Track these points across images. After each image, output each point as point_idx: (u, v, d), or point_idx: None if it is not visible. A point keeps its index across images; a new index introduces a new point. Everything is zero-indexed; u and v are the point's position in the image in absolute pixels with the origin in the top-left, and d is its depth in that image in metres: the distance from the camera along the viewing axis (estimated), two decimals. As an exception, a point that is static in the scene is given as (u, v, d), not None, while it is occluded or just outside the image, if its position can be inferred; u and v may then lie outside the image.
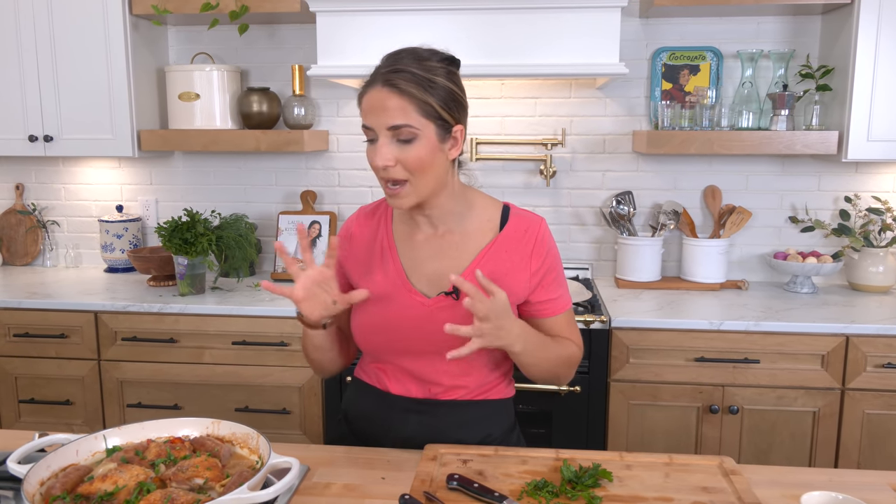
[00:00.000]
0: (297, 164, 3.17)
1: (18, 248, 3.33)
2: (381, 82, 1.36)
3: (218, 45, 3.13)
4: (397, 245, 1.52)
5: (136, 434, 1.33)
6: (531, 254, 1.49)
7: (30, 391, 2.73)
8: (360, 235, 1.57)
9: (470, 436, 1.52)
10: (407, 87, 1.34)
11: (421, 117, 1.35)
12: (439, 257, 1.50)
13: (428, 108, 1.35)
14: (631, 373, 2.45)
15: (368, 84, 1.40)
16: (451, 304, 1.46)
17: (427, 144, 1.37)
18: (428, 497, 1.25)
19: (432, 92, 1.36)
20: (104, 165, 3.27)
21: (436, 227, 1.51)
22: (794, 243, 3.00)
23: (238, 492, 1.10)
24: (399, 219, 1.55)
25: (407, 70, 1.35)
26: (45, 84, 2.86)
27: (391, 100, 1.34)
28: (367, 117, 1.38)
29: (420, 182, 1.39)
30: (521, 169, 3.07)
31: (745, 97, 2.79)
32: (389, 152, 1.36)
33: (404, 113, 1.34)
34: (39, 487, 1.15)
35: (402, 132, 1.35)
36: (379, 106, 1.36)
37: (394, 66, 1.36)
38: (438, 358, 1.46)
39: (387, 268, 1.51)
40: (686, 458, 1.40)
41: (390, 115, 1.34)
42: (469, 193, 1.53)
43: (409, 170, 1.37)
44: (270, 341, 2.59)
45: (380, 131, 1.36)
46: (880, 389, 2.38)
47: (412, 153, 1.36)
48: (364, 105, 1.39)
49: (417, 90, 1.34)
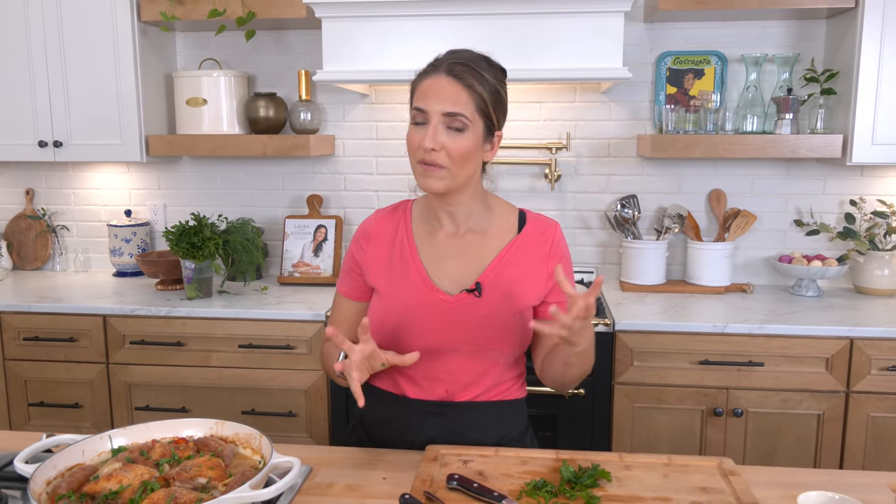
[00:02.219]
0: (303, 169, 3.20)
1: (28, 253, 3.36)
2: (445, 71, 1.42)
3: (225, 51, 3.16)
4: (417, 244, 1.55)
5: (141, 434, 1.35)
6: (548, 255, 1.54)
7: (39, 394, 2.75)
8: (379, 235, 1.59)
9: (488, 437, 1.53)
10: (468, 79, 1.41)
11: (475, 111, 1.42)
12: (460, 256, 1.53)
13: (482, 105, 1.43)
14: (635, 376, 2.46)
15: (428, 71, 1.45)
16: (472, 301, 1.49)
17: (473, 138, 1.43)
18: (428, 497, 1.26)
19: (487, 91, 1.43)
20: (113, 170, 3.30)
21: (458, 225, 1.54)
22: (799, 247, 3.00)
23: (240, 490, 1.12)
24: (419, 218, 1.58)
25: (470, 65, 1.43)
26: (55, 90, 2.89)
27: (452, 88, 1.41)
28: (422, 100, 1.43)
29: (456, 172, 1.44)
30: (526, 173, 3.08)
31: (750, 101, 2.80)
32: (439, 137, 1.41)
33: (462, 103, 1.41)
34: (46, 487, 1.17)
35: (455, 120, 1.41)
36: (440, 91, 1.41)
37: (458, 59, 1.43)
38: (457, 356, 1.50)
39: (407, 267, 1.53)
40: (685, 459, 1.41)
41: (449, 102, 1.40)
42: (488, 197, 1.58)
43: (452, 158, 1.42)
44: (277, 344, 2.61)
45: (434, 116, 1.41)
46: (885, 392, 2.38)
47: (459, 143, 1.42)
48: (422, 88, 1.44)
49: (478, 85, 1.42)
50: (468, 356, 1.51)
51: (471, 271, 1.51)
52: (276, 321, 2.60)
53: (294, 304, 2.69)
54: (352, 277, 1.61)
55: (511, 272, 1.51)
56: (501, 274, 1.51)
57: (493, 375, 1.54)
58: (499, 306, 1.49)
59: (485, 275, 1.50)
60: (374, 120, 3.11)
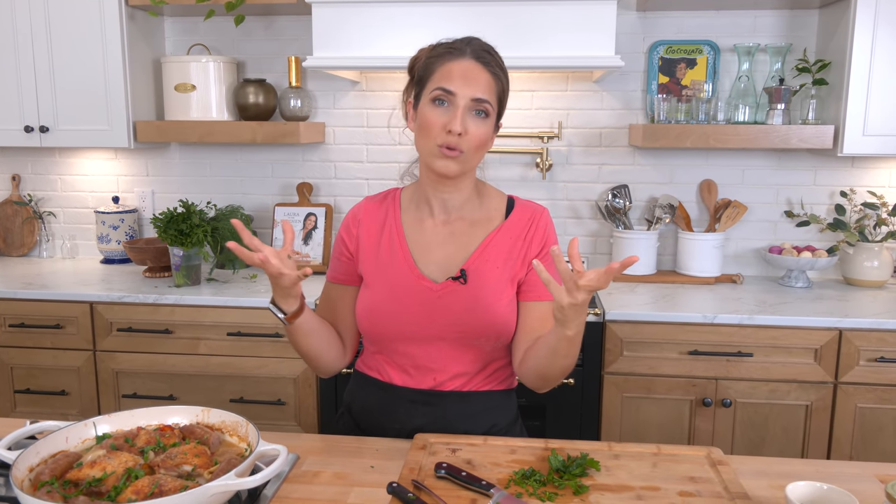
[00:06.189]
0: (293, 156, 3.17)
1: (15, 239, 3.33)
2: (475, 57, 1.43)
3: (214, 37, 3.13)
4: (406, 231, 1.55)
5: (125, 422, 1.33)
6: (532, 238, 1.53)
7: (25, 381, 2.73)
8: (369, 221, 1.58)
9: (476, 426, 1.53)
10: (496, 69, 1.45)
11: (496, 100, 1.46)
12: (447, 243, 1.53)
13: (501, 94, 1.47)
14: (625, 366, 2.46)
15: (455, 54, 1.44)
16: (457, 288, 1.48)
17: (491, 126, 1.47)
18: (416, 485, 1.26)
19: (506, 82, 1.48)
20: (100, 156, 3.27)
21: (448, 212, 1.54)
22: (790, 238, 3.00)
23: (226, 478, 1.10)
24: (408, 206, 1.58)
25: (495, 55, 1.47)
26: (41, 75, 2.85)
27: (483, 75, 1.43)
28: (452, 83, 1.42)
29: (471, 157, 1.46)
30: (518, 162, 3.07)
31: (742, 91, 2.79)
32: (465, 122, 1.41)
33: (490, 90, 1.43)
34: (28, 473, 1.16)
35: (483, 106, 1.42)
36: (471, 76, 1.42)
37: (483, 46, 1.46)
38: (444, 344, 1.49)
39: (395, 254, 1.53)
40: (674, 449, 1.41)
41: (480, 88, 1.42)
42: (479, 184, 1.59)
43: (471, 143, 1.43)
44: (266, 332, 2.59)
45: (462, 100, 1.41)
46: (873, 383, 2.39)
47: (482, 129, 1.43)
48: (451, 70, 1.43)
49: (501, 73, 1.46)
50: (455, 344, 1.50)
51: (457, 259, 1.51)
52: (265, 309, 2.58)
53: (283, 292, 2.67)
54: (341, 263, 1.60)
55: (495, 257, 1.50)
56: (487, 261, 1.50)
57: (481, 364, 1.53)
58: (484, 294, 1.48)
59: (470, 262, 1.50)
60: (364, 107, 3.09)
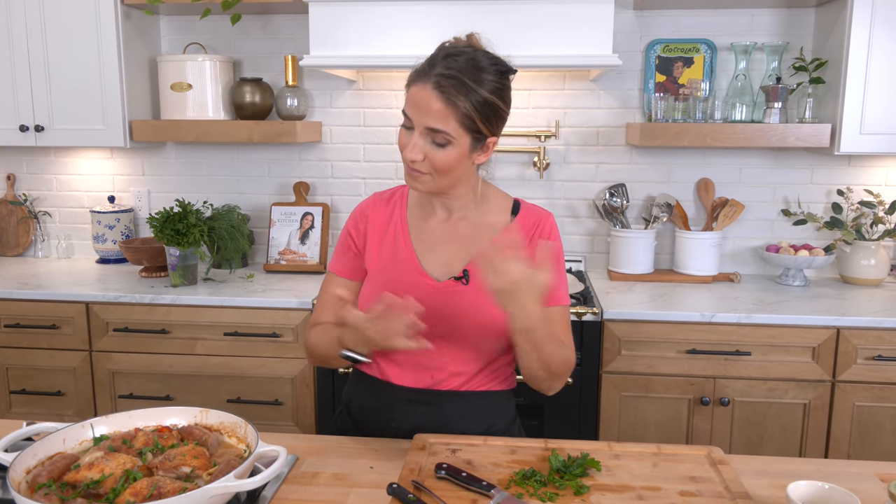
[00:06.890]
0: (289, 156, 3.16)
1: (10, 239, 3.31)
2: (433, 83, 1.36)
3: (210, 35, 3.11)
4: (410, 229, 1.55)
5: (123, 423, 1.33)
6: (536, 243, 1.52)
7: (21, 382, 2.72)
8: (376, 218, 1.59)
9: (474, 426, 1.52)
10: (455, 97, 1.35)
11: (459, 127, 1.37)
12: (451, 243, 1.53)
13: (468, 122, 1.37)
14: (623, 365, 2.45)
15: (419, 76, 1.39)
16: (459, 288, 1.49)
17: (457, 153, 1.40)
18: (416, 486, 1.25)
19: (477, 106, 1.37)
20: (96, 156, 3.26)
21: (450, 212, 1.54)
22: (787, 236, 3.00)
23: (225, 480, 1.10)
24: (414, 204, 1.58)
25: (459, 78, 1.35)
26: (36, 74, 2.84)
27: (437, 103, 1.35)
28: (409, 109, 1.40)
29: (439, 179, 1.43)
30: (515, 161, 3.06)
31: (739, 90, 2.79)
32: (421, 148, 1.39)
33: (445, 120, 1.36)
34: (26, 475, 1.15)
35: (437, 136, 1.38)
36: (424, 104, 1.37)
37: (448, 70, 1.36)
38: (443, 342, 1.49)
39: (399, 251, 1.53)
40: (674, 448, 1.41)
41: (432, 118, 1.36)
42: (484, 186, 1.58)
43: (434, 168, 1.40)
44: (263, 332, 2.58)
45: (418, 127, 1.38)
46: (870, 382, 2.39)
47: (441, 156, 1.39)
48: (410, 96, 1.40)
49: (464, 102, 1.35)
50: (454, 344, 1.50)
51: (460, 258, 1.51)
52: (262, 309, 2.57)
53: (280, 292, 2.67)
54: (348, 257, 1.60)
55: None
56: None
57: (480, 364, 1.53)
58: (485, 294, 1.48)
59: (473, 262, 1.49)
60: (361, 106, 3.08)
